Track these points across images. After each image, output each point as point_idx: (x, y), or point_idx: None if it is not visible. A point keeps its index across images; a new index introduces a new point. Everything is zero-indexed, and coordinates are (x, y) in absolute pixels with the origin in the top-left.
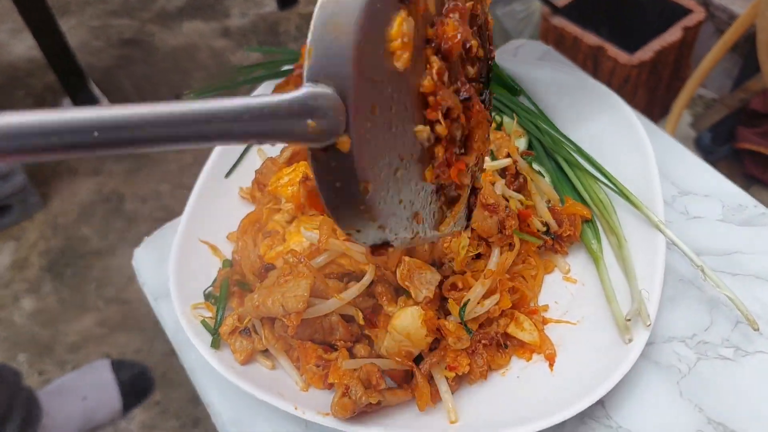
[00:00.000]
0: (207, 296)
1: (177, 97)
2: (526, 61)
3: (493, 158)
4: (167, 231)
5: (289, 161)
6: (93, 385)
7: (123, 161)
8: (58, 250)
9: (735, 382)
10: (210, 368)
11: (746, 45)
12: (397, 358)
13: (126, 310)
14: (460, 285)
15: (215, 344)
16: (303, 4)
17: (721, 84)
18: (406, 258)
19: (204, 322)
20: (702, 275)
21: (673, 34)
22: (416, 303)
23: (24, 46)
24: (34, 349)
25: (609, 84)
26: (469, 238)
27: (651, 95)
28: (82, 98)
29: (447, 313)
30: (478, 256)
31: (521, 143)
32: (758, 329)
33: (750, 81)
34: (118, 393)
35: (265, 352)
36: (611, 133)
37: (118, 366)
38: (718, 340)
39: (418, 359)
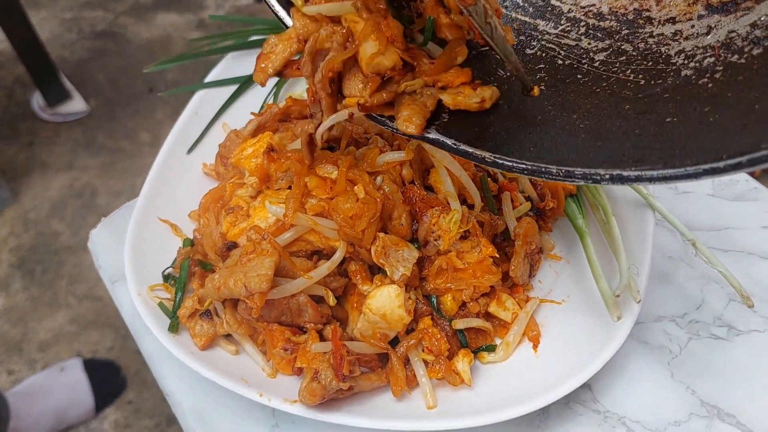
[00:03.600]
0: (166, 277)
1: (151, 90)
2: None
3: None
4: (125, 211)
5: (254, 133)
6: (64, 385)
7: (98, 155)
8: (29, 246)
9: (728, 362)
10: (169, 354)
11: None
12: (371, 341)
13: (98, 307)
14: (445, 266)
15: (173, 328)
16: None
17: None
18: (381, 234)
19: (161, 305)
20: (693, 250)
21: None
22: (392, 282)
23: None
24: (3, 347)
25: None
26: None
27: None
28: (53, 91)
29: (426, 295)
30: (465, 236)
31: None
32: (753, 306)
33: None
34: (90, 392)
35: (228, 336)
36: None
37: (89, 365)
38: (710, 318)
39: (393, 342)
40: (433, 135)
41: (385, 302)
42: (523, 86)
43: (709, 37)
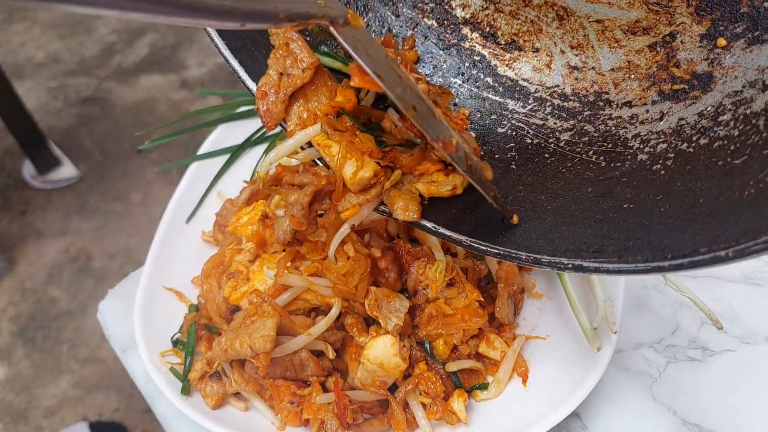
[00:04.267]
0: (175, 343)
1: (139, 152)
2: None
3: None
4: (131, 282)
5: (248, 201)
6: None
7: (90, 219)
8: (28, 314)
9: (706, 382)
10: (183, 416)
11: None
12: (371, 389)
13: (101, 369)
14: (434, 313)
15: (186, 391)
16: None
17: None
18: (373, 288)
19: (173, 369)
20: (663, 280)
21: None
22: (387, 332)
23: None
24: (9, 417)
25: None
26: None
27: None
28: (43, 159)
29: (419, 341)
30: (452, 283)
31: None
32: (722, 328)
33: None
34: None
35: (238, 394)
36: None
37: (96, 427)
38: (685, 342)
39: (392, 388)
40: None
41: (381, 351)
42: (502, 216)
43: (662, 123)
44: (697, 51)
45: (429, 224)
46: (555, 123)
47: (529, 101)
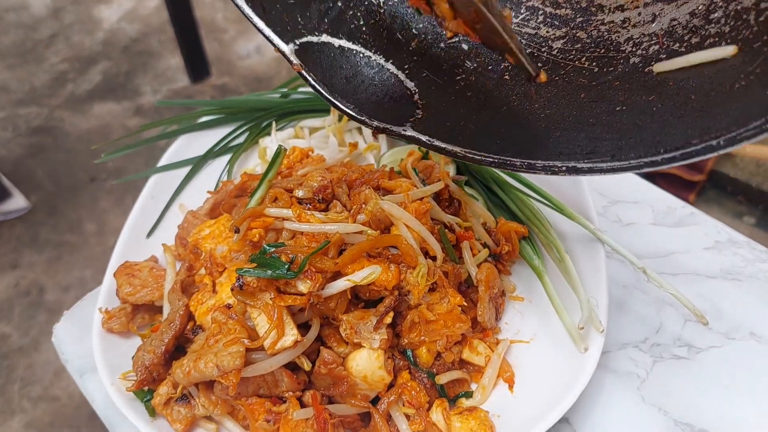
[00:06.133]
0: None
1: (93, 180)
2: None
3: (425, 184)
4: (88, 303)
5: (210, 213)
6: None
7: (42, 251)
8: None
9: (694, 379)
10: None
11: None
12: (352, 401)
13: (56, 408)
14: (417, 320)
15: (152, 412)
16: (216, 76)
17: None
18: (344, 317)
19: (135, 392)
20: (645, 277)
21: None
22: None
23: None
24: None
25: None
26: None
27: None
28: None
29: (401, 350)
30: (433, 288)
31: (450, 170)
32: (707, 324)
33: None
34: None
35: (209, 416)
36: None
37: None
38: (670, 340)
39: (374, 400)
40: (409, 132)
41: (365, 365)
42: (528, 74)
43: (654, 24)
44: None
45: (424, 137)
46: (547, 31)
47: (522, 11)
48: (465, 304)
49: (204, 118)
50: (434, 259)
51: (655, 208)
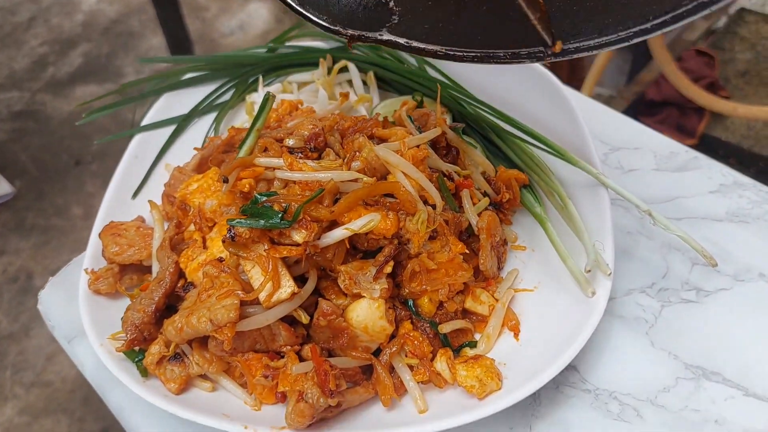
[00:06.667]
0: None
1: (78, 163)
2: None
3: (420, 132)
4: (73, 267)
5: (198, 169)
6: None
7: (29, 236)
8: None
9: (704, 323)
10: (141, 405)
11: None
12: (353, 354)
13: (48, 393)
14: (417, 269)
15: (143, 372)
16: (199, 55)
17: (616, 81)
18: (342, 267)
19: (126, 352)
20: (651, 221)
21: None
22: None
23: None
24: None
25: None
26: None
27: None
28: None
29: (403, 300)
30: (434, 236)
31: (447, 119)
32: (716, 265)
33: (641, 73)
34: None
35: (204, 374)
36: (531, 95)
37: None
38: (677, 284)
39: (375, 352)
40: (386, 36)
41: (366, 315)
42: (544, 42)
43: None
44: None
45: (401, 40)
46: None
47: None
48: (467, 251)
49: (188, 75)
50: (434, 207)
51: (658, 154)
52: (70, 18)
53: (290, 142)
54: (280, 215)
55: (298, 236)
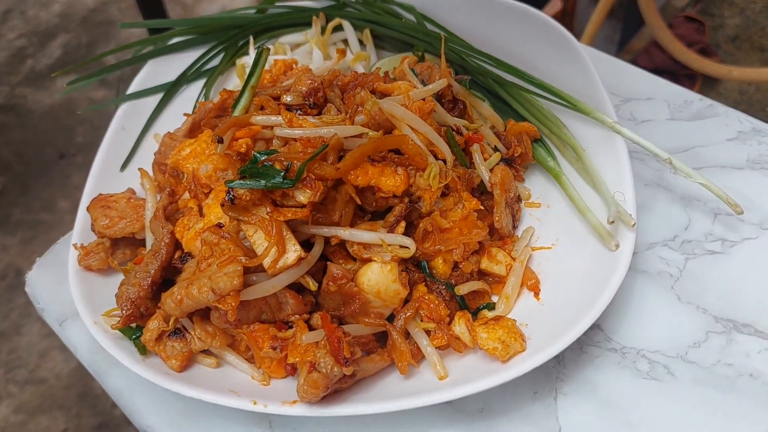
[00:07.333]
0: None
1: (62, 156)
2: None
3: (424, 85)
4: (62, 246)
5: (189, 134)
6: None
7: (15, 232)
8: None
9: (731, 274)
10: (140, 385)
11: (621, 9)
12: (366, 320)
13: (43, 390)
14: (430, 228)
15: (141, 349)
16: None
17: (606, 50)
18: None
19: (122, 329)
20: (670, 170)
21: (553, 6)
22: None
23: None
24: None
25: None
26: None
27: None
28: None
29: (416, 262)
30: (446, 193)
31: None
32: (742, 212)
33: (632, 41)
34: None
35: (207, 350)
36: (536, 46)
37: None
38: (701, 236)
39: (389, 318)
40: None
41: (378, 279)
42: None
43: None
44: None
45: None
46: None
47: None
48: (482, 208)
49: (174, 40)
50: (444, 162)
51: (671, 103)
52: (46, 9)
53: (288, 98)
54: (282, 174)
55: (303, 196)
